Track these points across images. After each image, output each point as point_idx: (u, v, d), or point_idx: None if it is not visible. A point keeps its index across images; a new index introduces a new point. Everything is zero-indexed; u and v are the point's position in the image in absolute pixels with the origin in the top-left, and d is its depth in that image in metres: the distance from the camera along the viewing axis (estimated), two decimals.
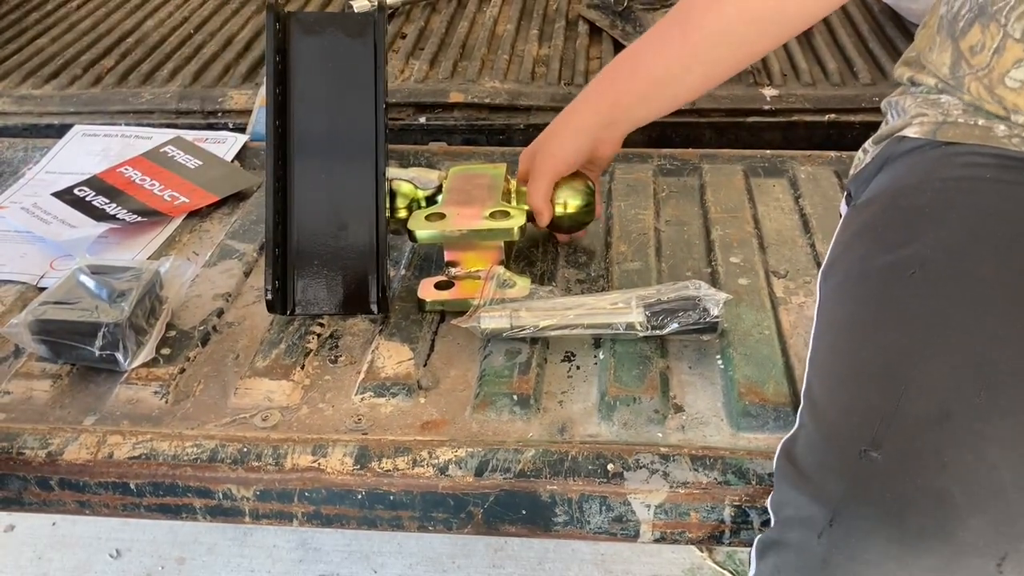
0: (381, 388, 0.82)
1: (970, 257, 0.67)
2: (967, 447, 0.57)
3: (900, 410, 0.60)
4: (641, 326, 0.84)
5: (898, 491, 0.56)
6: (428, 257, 1.00)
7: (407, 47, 1.53)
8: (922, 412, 0.59)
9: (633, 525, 0.75)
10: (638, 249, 1.00)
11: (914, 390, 0.60)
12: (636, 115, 0.95)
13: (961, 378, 0.60)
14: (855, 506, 0.57)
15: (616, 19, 1.58)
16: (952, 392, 0.59)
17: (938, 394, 0.59)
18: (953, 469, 0.56)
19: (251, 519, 0.78)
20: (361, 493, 0.75)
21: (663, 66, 0.91)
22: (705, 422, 0.79)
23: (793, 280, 0.95)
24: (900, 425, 0.59)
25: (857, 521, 0.56)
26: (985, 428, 0.57)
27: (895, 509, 0.56)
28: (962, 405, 0.58)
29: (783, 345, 0.86)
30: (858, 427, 0.60)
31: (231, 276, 0.98)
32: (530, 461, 0.74)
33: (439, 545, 1.45)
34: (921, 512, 0.55)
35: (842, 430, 0.62)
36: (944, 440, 0.57)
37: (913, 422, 0.59)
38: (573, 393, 0.82)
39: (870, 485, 0.57)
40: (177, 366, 0.85)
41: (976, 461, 0.56)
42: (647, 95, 0.93)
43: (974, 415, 0.58)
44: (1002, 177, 0.71)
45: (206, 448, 0.77)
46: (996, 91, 0.73)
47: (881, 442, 0.58)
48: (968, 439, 0.57)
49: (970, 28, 0.75)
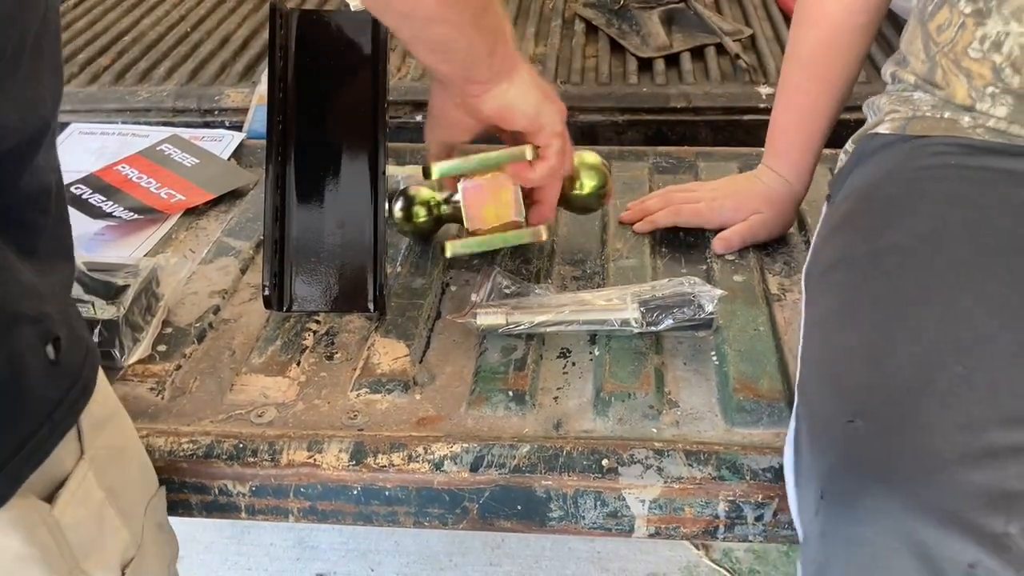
0: (377, 384, 0.82)
1: (942, 241, 0.69)
2: (951, 408, 0.57)
3: (882, 383, 0.61)
4: (636, 322, 0.85)
5: (884, 450, 0.57)
6: (424, 254, 1.00)
7: (404, 45, 1.53)
8: (904, 382, 0.60)
9: (628, 520, 0.75)
10: (633, 246, 1.00)
11: (895, 364, 0.61)
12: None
13: (940, 350, 0.61)
14: (842, 471, 0.58)
15: (612, 17, 1.58)
16: (932, 362, 0.60)
17: (918, 365, 0.60)
18: (939, 428, 0.56)
19: (247, 515, 0.78)
20: (357, 489, 0.76)
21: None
22: (700, 417, 0.79)
23: (788, 277, 0.96)
24: (883, 395, 0.60)
25: (846, 485, 0.57)
26: (968, 392, 0.58)
27: (883, 466, 0.56)
28: (943, 373, 0.59)
29: (777, 341, 0.86)
30: (840, 403, 0.61)
31: (227, 273, 0.98)
32: (525, 457, 0.75)
33: (436, 543, 1.45)
34: (911, 466, 0.55)
35: (826, 409, 0.63)
36: (927, 404, 0.58)
37: (896, 391, 0.60)
38: (568, 389, 0.82)
39: (855, 451, 0.58)
40: (173, 363, 0.86)
41: (963, 421, 0.56)
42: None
43: (956, 381, 0.59)
44: (967, 163, 0.74)
45: (202, 444, 0.77)
46: (962, 64, 0.77)
47: (863, 411, 0.59)
48: (952, 401, 0.58)
49: (938, 11, 0.80)
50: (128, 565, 0.61)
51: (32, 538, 0.52)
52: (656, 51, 1.47)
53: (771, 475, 0.73)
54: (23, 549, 0.52)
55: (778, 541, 0.76)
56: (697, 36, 1.51)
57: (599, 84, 1.40)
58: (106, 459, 0.58)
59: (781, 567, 1.42)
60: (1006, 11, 0.73)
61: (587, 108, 1.34)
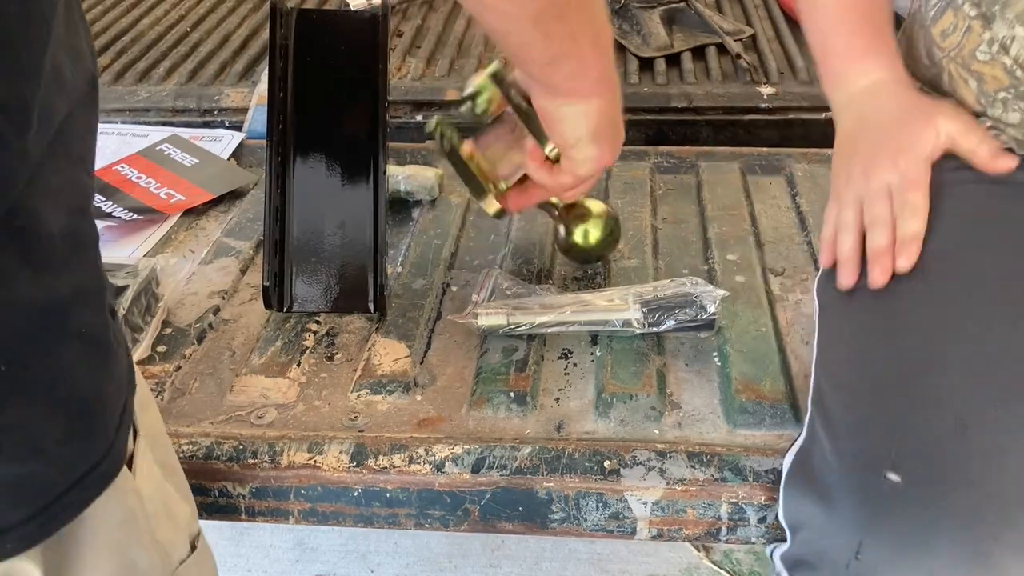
0: (377, 385, 0.82)
1: (968, 262, 0.67)
2: (989, 461, 0.56)
3: (915, 425, 0.59)
4: (638, 323, 0.84)
5: (922, 516, 0.55)
6: (425, 256, 0.99)
7: (404, 45, 1.53)
8: (938, 426, 0.58)
9: (630, 522, 0.75)
10: (635, 246, 1.00)
11: (929, 403, 0.59)
12: None
13: (975, 390, 0.59)
14: (881, 535, 0.56)
15: (613, 17, 1.58)
16: (966, 403, 0.58)
17: (953, 407, 0.59)
18: (978, 486, 0.55)
19: (247, 517, 0.78)
20: (357, 490, 0.75)
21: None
22: (702, 419, 0.79)
23: (790, 277, 0.95)
24: (918, 442, 0.58)
25: (884, 551, 0.55)
26: (1005, 440, 0.56)
27: (923, 534, 0.54)
28: (978, 417, 0.58)
29: (780, 342, 0.86)
30: (876, 445, 0.59)
31: (227, 273, 0.98)
32: (527, 458, 0.74)
33: (436, 545, 1.44)
34: (949, 534, 0.54)
35: (860, 448, 0.61)
36: (964, 455, 0.56)
37: (930, 437, 0.58)
38: (570, 390, 0.82)
39: (894, 511, 0.56)
40: (173, 363, 0.85)
41: (1000, 475, 0.55)
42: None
43: (992, 428, 0.57)
44: (983, 178, 0.72)
45: (202, 445, 0.76)
46: (972, 67, 0.75)
47: (901, 462, 0.57)
48: (988, 453, 0.56)
49: (941, 16, 0.77)
50: (196, 538, 0.62)
51: (126, 504, 0.53)
52: (657, 51, 1.47)
53: (774, 477, 0.72)
54: (122, 515, 0.53)
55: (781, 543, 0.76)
56: (698, 36, 1.51)
57: None
58: (154, 437, 0.59)
59: None
60: (1010, 15, 0.71)
61: None
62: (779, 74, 1.40)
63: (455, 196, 1.10)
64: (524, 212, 1.06)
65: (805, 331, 0.87)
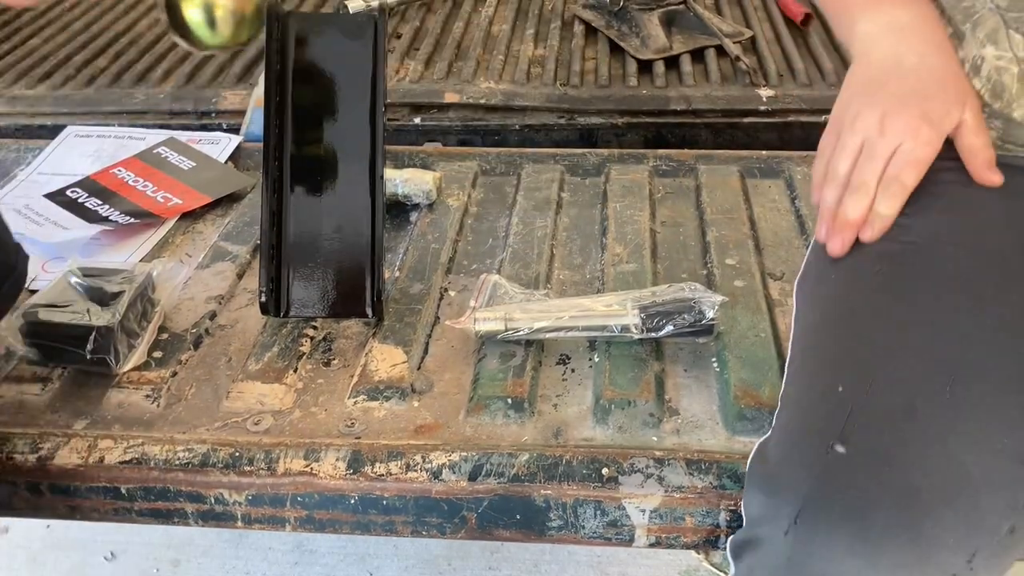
0: (375, 392, 0.82)
1: (935, 255, 0.67)
2: (934, 442, 0.56)
3: (867, 404, 0.59)
4: (636, 328, 0.84)
5: (863, 486, 0.56)
6: (423, 260, 0.99)
7: (402, 47, 1.52)
8: (888, 406, 0.59)
9: (628, 530, 0.74)
10: (633, 251, 0.99)
11: (881, 384, 0.60)
12: None
13: (928, 374, 0.59)
14: (820, 502, 0.57)
15: (612, 19, 1.57)
16: (919, 387, 0.59)
17: (905, 389, 0.59)
18: (920, 464, 0.56)
19: (243, 524, 0.77)
20: (354, 498, 0.75)
21: None
22: (700, 426, 0.78)
23: (789, 282, 0.95)
24: (866, 419, 0.58)
25: (822, 516, 0.56)
26: (952, 423, 0.57)
27: (860, 505, 0.55)
28: (928, 400, 0.58)
29: (779, 348, 0.85)
30: (825, 421, 0.60)
31: (224, 278, 0.97)
32: (524, 465, 0.74)
33: (435, 547, 1.44)
34: (887, 508, 0.55)
35: (809, 424, 0.62)
36: (910, 435, 0.57)
37: (880, 416, 0.58)
38: (568, 396, 0.82)
39: (835, 481, 0.57)
40: (169, 369, 0.85)
41: (943, 456, 0.56)
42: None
43: (940, 410, 0.58)
44: (964, 179, 0.71)
45: (198, 452, 0.76)
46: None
47: (847, 437, 0.58)
48: (934, 434, 0.57)
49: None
50: None
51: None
52: (656, 53, 1.46)
53: None
54: None
55: None
56: (697, 38, 1.51)
57: (598, 86, 1.39)
58: None
59: None
60: (980, 34, 0.70)
61: (586, 111, 1.33)
62: (778, 76, 1.40)
63: (453, 200, 1.10)
64: (524, 216, 1.06)
65: None
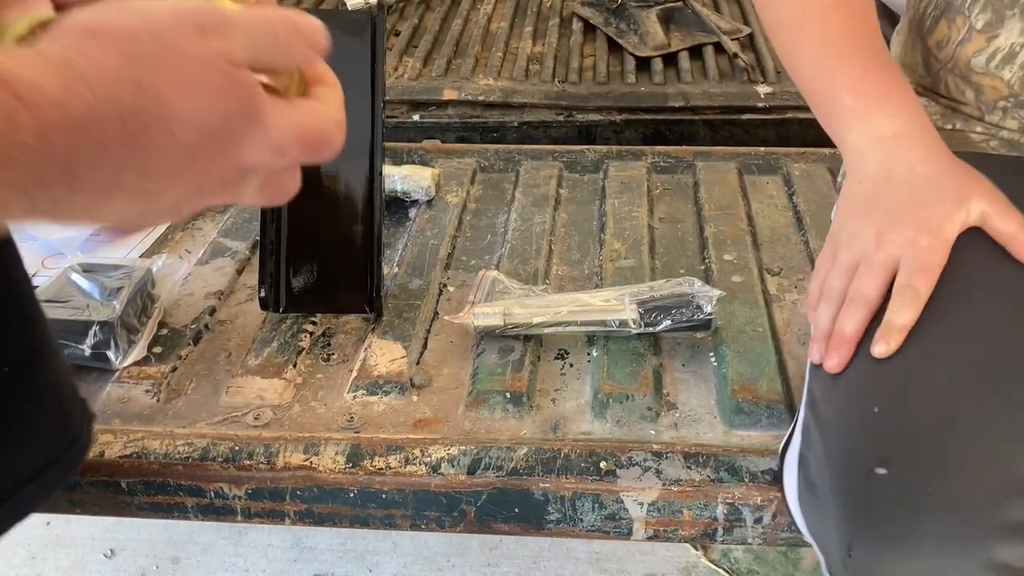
0: (374, 386, 0.82)
1: (962, 260, 0.65)
2: (980, 450, 0.55)
3: (904, 421, 0.57)
4: (634, 323, 0.84)
5: (910, 505, 0.54)
6: (421, 256, 0.99)
7: (401, 44, 1.53)
8: (928, 420, 0.57)
9: (626, 523, 0.75)
10: (632, 246, 1.00)
11: (918, 399, 0.58)
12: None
13: (965, 382, 0.58)
14: (868, 530, 0.55)
15: (610, 16, 1.58)
16: (957, 398, 0.57)
17: (943, 401, 0.57)
18: (969, 471, 0.54)
19: (243, 518, 0.78)
20: (353, 492, 0.75)
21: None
22: (698, 419, 0.79)
23: (787, 277, 0.95)
24: (906, 437, 0.57)
25: (872, 546, 0.55)
26: (995, 426, 0.55)
27: (910, 520, 0.54)
28: (969, 410, 0.56)
29: (776, 342, 0.85)
30: (865, 445, 0.58)
31: (223, 274, 0.98)
32: (523, 459, 0.74)
33: (434, 544, 1.44)
34: (938, 518, 0.53)
35: (849, 448, 0.60)
36: (954, 446, 0.55)
37: (920, 432, 0.56)
38: (566, 391, 0.82)
39: (881, 505, 0.55)
40: (169, 364, 0.85)
41: (992, 461, 0.54)
42: None
43: (983, 418, 0.56)
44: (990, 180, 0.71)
45: (197, 447, 0.76)
46: (971, 79, 0.74)
47: (889, 458, 0.56)
48: (980, 442, 0.55)
49: (936, 25, 0.76)
50: None
51: None
52: (654, 50, 1.47)
53: (770, 477, 0.72)
54: None
55: (777, 544, 0.76)
56: (695, 35, 1.51)
57: (597, 83, 1.40)
58: None
59: (780, 567, 1.41)
60: (1020, 25, 0.70)
61: (585, 107, 1.34)
62: (776, 73, 1.40)
63: (452, 196, 1.10)
64: (523, 212, 1.06)
65: (802, 331, 0.87)
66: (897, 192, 0.66)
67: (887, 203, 0.66)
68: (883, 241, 0.64)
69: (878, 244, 0.65)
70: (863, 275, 0.65)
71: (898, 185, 0.66)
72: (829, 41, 0.71)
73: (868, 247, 0.65)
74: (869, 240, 0.65)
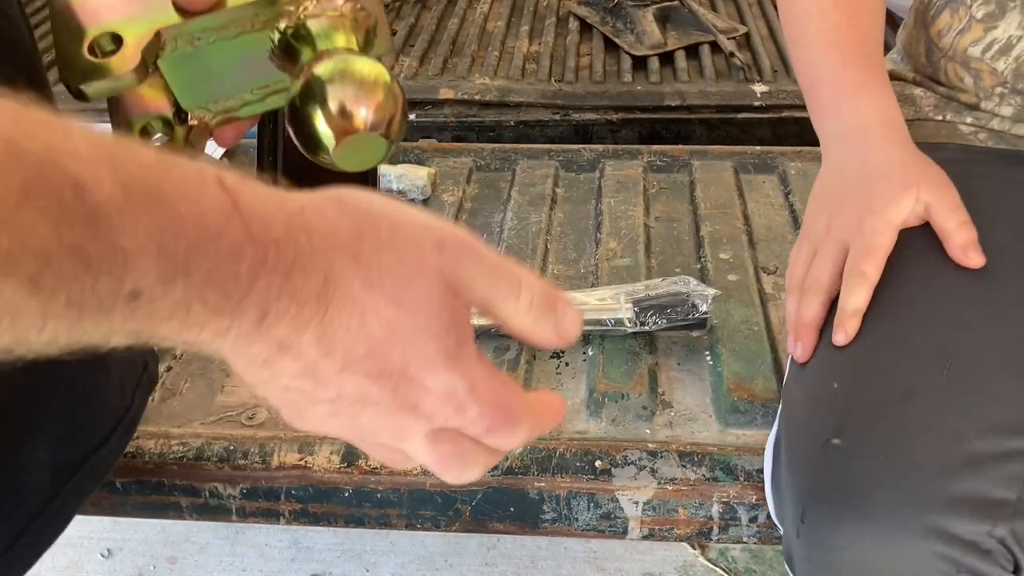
0: None
1: (924, 246, 0.66)
2: (933, 422, 0.56)
3: (861, 395, 0.59)
4: (630, 322, 0.84)
5: (862, 470, 0.55)
6: None
7: (397, 44, 1.53)
8: (883, 394, 0.58)
9: (621, 522, 0.75)
10: (627, 245, 1.00)
11: (876, 376, 0.60)
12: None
13: (922, 360, 0.59)
14: (820, 495, 0.56)
15: (606, 16, 1.58)
16: (913, 373, 0.59)
17: (900, 377, 0.59)
18: (920, 442, 0.55)
19: (238, 517, 0.78)
20: (348, 491, 0.75)
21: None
22: (693, 418, 0.79)
23: (783, 276, 0.95)
24: (862, 409, 0.58)
25: (824, 510, 0.56)
26: (950, 403, 0.57)
27: (860, 488, 0.55)
28: (924, 385, 0.58)
29: (772, 341, 0.85)
30: (821, 417, 0.60)
31: None
32: (518, 458, 0.74)
33: (431, 543, 1.44)
34: (889, 486, 0.54)
35: (807, 421, 0.62)
36: (908, 418, 0.56)
37: (874, 404, 0.58)
38: (562, 390, 0.82)
39: (833, 471, 0.57)
40: (164, 364, 0.85)
41: (944, 433, 0.55)
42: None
43: (937, 393, 0.57)
44: (969, 171, 0.71)
45: (192, 446, 0.76)
46: (971, 65, 0.75)
47: (843, 428, 0.57)
48: (933, 415, 0.56)
49: (939, 15, 0.77)
50: None
51: None
52: (650, 49, 1.47)
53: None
54: None
55: (772, 542, 0.76)
56: (691, 34, 1.51)
57: (593, 82, 1.40)
58: None
59: (777, 566, 1.41)
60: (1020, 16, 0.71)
61: (581, 107, 1.34)
62: (773, 72, 1.40)
63: (448, 195, 1.10)
64: (519, 211, 1.06)
65: None
66: (849, 182, 0.68)
67: (838, 192, 0.69)
68: (832, 228, 0.67)
69: (827, 231, 0.67)
70: (816, 262, 0.67)
71: (851, 175, 0.68)
72: (823, 37, 0.72)
73: (820, 235, 0.68)
74: (821, 229, 0.68)
